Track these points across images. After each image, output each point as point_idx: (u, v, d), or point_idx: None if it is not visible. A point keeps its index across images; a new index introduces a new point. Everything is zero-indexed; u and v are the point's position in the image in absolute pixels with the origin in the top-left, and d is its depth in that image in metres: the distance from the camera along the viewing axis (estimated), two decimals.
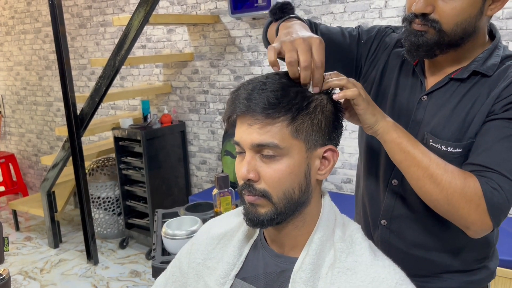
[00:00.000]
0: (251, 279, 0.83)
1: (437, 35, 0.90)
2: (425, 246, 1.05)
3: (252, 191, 0.75)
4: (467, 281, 1.06)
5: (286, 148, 0.73)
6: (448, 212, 0.87)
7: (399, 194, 1.06)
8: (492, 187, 0.84)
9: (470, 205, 0.84)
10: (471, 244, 1.03)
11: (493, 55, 0.94)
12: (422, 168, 0.86)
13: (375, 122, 0.85)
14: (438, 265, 1.05)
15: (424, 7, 0.89)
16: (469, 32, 0.91)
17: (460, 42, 0.92)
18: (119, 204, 3.67)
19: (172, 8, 3.52)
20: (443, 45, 0.92)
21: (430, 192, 0.86)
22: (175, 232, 1.54)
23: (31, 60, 4.75)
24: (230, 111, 0.76)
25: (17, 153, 5.26)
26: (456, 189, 0.84)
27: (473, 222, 0.85)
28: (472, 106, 0.93)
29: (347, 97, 0.80)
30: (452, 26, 0.89)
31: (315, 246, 0.77)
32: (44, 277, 3.18)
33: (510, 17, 2.23)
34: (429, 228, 1.03)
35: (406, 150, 0.86)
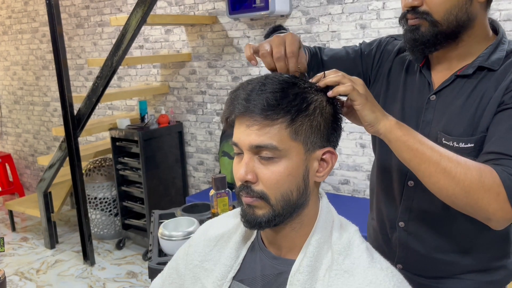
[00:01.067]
0: (249, 281, 0.82)
1: (431, 26, 0.92)
2: (443, 247, 1.04)
3: (249, 193, 0.75)
4: (485, 281, 1.05)
5: (285, 150, 0.73)
6: (467, 205, 0.83)
7: (416, 195, 1.04)
8: (510, 173, 0.81)
9: (489, 194, 0.80)
10: (488, 242, 1.02)
11: (497, 49, 0.95)
12: (433, 164, 0.82)
13: (375, 119, 0.83)
14: (457, 266, 1.04)
15: (409, 1, 0.92)
16: (463, 20, 0.92)
17: (456, 32, 0.93)
18: (116, 205, 3.66)
19: (170, 9, 3.51)
20: (439, 36, 0.93)
21: (445, 187, 0.83)
22: (172, 233, 1.53)
23: (28, 60, 4.73)
24: (229, 111, 0.75)
25: (13, 153, 5.24)
26: (473, 180, 0.81)
27: (494, 212, 0.81)
28: (481, 101, 0.93)
29: (340, 93, 0.79)
30: (443, 14, 0.91)
31: (313, 248, 0.76)
32: (40, 278, 3.16)
33: (507, 19, 2.24)
34: (447, 229, 1.02)
35: (413, 148, 0.83)
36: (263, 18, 3.03)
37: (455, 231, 1.02)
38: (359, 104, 0.81)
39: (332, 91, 0.78)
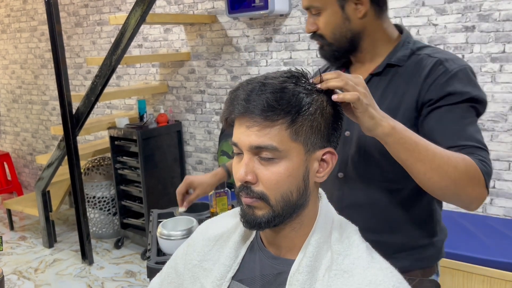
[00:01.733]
0: (248, 281, 0.82)
1: (327, 44, 1.10)
2: (375, 229, 1.10)
3: (249, 193, 0.74)
4: (417, 258, 1.14)
5: (285, 151, 0.72)
6: (455, 195, 0.91)
7: (346, 185, 1.14)
8: (480, 159, 0.92)
9: (473, 182, 0.90)
10: (415, 222, 1.13)
11: (402, 48, 1.09)
12: (428, 162, 0.88)
13: (373, 125, 0.84)
14: (390, 246, 1.11)
15: (309, 28, 1.10)
16: (350, 36, 1.08)
17: (352, 45, 1.10)
18: (114, 204, 3.66)
19: (169, 8, 3.51)
20: (337, 52, 1.11)
21: (438, 182, 0.89)
22: (171, 232, 1.53)
23: (27, 59, 4.72)
24: (228, 111, 0.75)
25: (12, 152, 5.23)
26: (461, 172, 0.88)
27: (476, 196, 0.91)
28: (394, 95, 1.06)
29: (346, 101, 0.79)
30: (331, 35, 1.08)
31: (312, 248, 0.76)
32: (38, 277, 3.16)
33: (507, 19, 2.24)
34: (376, 213, 1.12)
35: (410, 149, 0.87)
36: (263, 18, 3.02)
37: (384, 215, 1.12)
38: (360, 112, 0.82)
39: (338, 96, 0.78)
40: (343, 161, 1.13)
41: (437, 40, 2.44)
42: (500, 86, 2.31)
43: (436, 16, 2.42)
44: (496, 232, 2.20)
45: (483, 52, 2.33)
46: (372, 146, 1.08)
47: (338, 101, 0.78)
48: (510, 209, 2.38)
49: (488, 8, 2.28)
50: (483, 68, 2.34)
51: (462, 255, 2.02)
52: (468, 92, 0.99)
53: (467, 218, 2.38)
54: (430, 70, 1.03)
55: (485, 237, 2.15)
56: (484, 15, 2.30)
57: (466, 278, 2.03)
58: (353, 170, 1.13)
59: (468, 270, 2.01)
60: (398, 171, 1.05)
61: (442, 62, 1.03)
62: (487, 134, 2.37)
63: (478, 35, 2.33)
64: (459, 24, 2.37)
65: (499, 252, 2.00)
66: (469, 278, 2.02)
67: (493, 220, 2.34)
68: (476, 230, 2.23)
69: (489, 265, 1.97)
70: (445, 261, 2.05)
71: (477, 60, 2.34)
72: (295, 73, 0.77)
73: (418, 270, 1.15)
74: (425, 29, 2.46)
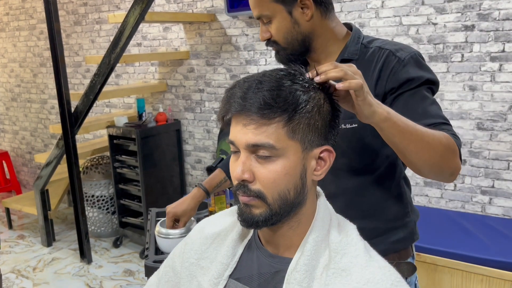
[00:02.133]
0: (245, 279, 0.82)
1: (282, 49, 1.15)
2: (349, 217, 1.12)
3: (246, 192, 0.74)
4: (392, 241, 1.19)
5: (282, 149, 0.72)
6: (440, 168, 0.97)
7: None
8: (451, 133, 0.99)
9: (453, 154, 0.97)
10: (386, 204, 1.19)
11: (353, 43, 1.16)
12: (419, 142, 0.92)
13: (372, 113, 0.85)
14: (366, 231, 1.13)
15: (263, 36, 1.15)
16: (301, 38, 1.14)
17: (304, 46, 1.15)
18: (113, 203, 3.65)
19: (168, 6, 3.50)
20: (291, 55, 1.15)
21: (429, 159, 0.94)
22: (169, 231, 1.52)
23: (26, 57, 4.72)
24: (225, 110, 0.74)
25: (10, 151, 5.22)
26: (445, 145, 0.95)
27: (455, 167, 0.98)
28: None
29: (351, 89, 0.78)
30: (283, 40, 1.13)
31: (310, 246, 0.76)
32: (37, 276, 3.15)
33: (506, 18, 2.23)
34: (348, 201, 1.16)
35: (402, 132, 0.90)
36: None
37: (355, 202, 1.17)
38: (361, 100, 0.82)
39: (344, 85, 0.77)
40: None
41: (436, 39, 2.43)
42: (499, 85, 2.30)
43: (436, 15, 2.42)
44: (495, 232, 2.20)
45: (483, 51, 2.32)
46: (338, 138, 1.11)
47: (343, 90, 0.78)
48: (509, 209, 2.37)
49: (487, 7, 2.28)
50: (482, 68, 2.34)
51: (461, 254, 2.02)
52: (423, 76, 1.07)
53: (466, 218, 2.38)
54: (384, 61, 1.10)
55: (484, 237, 2.15)
56: (483, 14, 2.29)
57: (465, 277, 2.02)
58: None
59: (466, 269, 2.01)
60: (363, 159, 1.15)
61: (393, 53, 1.10)
62: (486, 133, 2.37)
63: (477, 34, 2.32)
64: (458, 23, 2.36)
65: (498, 251, 2.00)
66: (468, 277, 2.02)
67: (492, 220, 2.34)
68: (475, 229, 2.23)
69: (488, 264, 1.96)
70: (444, 260, 2.05)
71: (477, 59, 2.34)
72: (292, 70, 0.77)
73: (394, 253, 1.20)
74: (425, 28, 2.45)
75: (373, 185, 1.17)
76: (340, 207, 1.14)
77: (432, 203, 2.60)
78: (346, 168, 1.16)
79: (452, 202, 2.54)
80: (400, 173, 1.22)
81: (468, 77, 2.38)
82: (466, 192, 2.48)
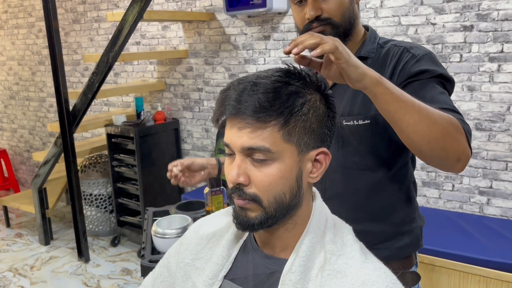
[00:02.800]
0: (240, 280, 0.81)
1: (334, 29, 1.10)
2: (357, 219, 1.11)
3: (242, 195, 0.73)
4: (398, 247, 1.17)
5: (278, 152, 0.71)
6: (443, 149, 0.89)
7: (327, 178, 1.14)
8: (458, 119, 0.93)
9: (460, 135, 0.90)
10: (395, 208, 1.17)
11: (370, 42, 1.16)
12: (417, 112, 0.87)
13: (361, 74, 0.83)
14: (373, 235, 1.15)
15: (315, 11, 1.09)
16: (353, 18, 1.13)
17: (351, 29, 1.13)
18: (111, 202, 3.65)
19: (167, 5, 3.49)
20: (341, 36, 1.10)
21: (428, 133, 0.87)
22: (165, 230, 1.52)
23: (24, 55, 4.71)
24: (220, 112, 0.74)
25: (9, 149, 5.21)
26: (448, 122, 0.89)
27: (463, 150, 0.91)
28: None
29: (325, 52, 0.78)
30: (341, 17, 1.10)
31: (305, 248, 0.75)
32: (34, 274, 3.15)
33: (505, 19, 2.23)
34: (357, 202, 1.15)
35: (399, 99, 0.86)
36: (261, 16, 3.01)
37: (365, 203, 1.15)
38: (344, 62, 0.81)
39: (316, 51, 0.77)
40: None
41: (435, 39, 2.43)
42: (498, 86, 2.30)
43: (435, 15, 2.41)
44: (493, 232, 2.20)
45: (481, 52, 2.32)
46: (350, 135, 1.11)
47: (317, 55, 0.78)
48: (507, 209, 2.37)
49: (486, 7, 2.27)
50: (481, 68, 2.33)
51: (459, 255, 2.02)
52: (436, 70, 1.04)
53: (463, 218, 2.38)
54: (399, 58, 1.09)
55: (481, 237, 2.15)
56: (482, 14, 2.29)
57: (462, 278, 2.02)
58: (333, 161, 1.13)
59: (464, 270, 2.01)
60: (376, 158, 1.12)
61: (408, 49, 1.10)
62: (484, 134, 2.37)
63: (476, 34, 2.32)
64: (457, 24, 2.36)
65: (496, 252, 2.00)
66: (465, 278, 2.02)
67: (490, 220, 2.34)
68: (472, 230, 2.23)
69: (486, 265, 1.96)
70: (441, 260, 2.05)
71: (475, 59, 2.34)
72: (287, 71, 0.76)
73: (399, 261, 1.18)
74: (424, 28, 2.45)
75: (384, 186, 1.15)
76: (348, 207, 1.14)
77: (430, 203, 2.60)
78: (356, 167, 1.13)
79: (450, 203, 2.53)
80: (411, 176, 1.20)
81: (467, 77, 2.37)
82: (464, 193, 2.48)
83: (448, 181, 2.52)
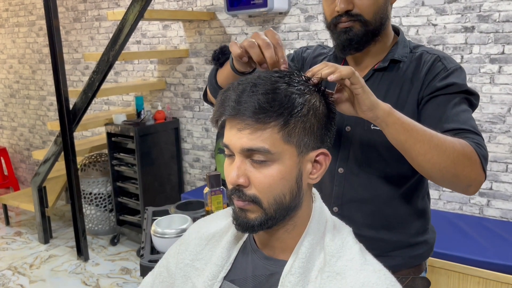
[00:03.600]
0: (240, 281, 0.81)
1: (363, 26, 1.06)
2: (374, 226, 1.13)
3: (241, 197, 0.73)
4: (411, 256, 1.16)
5: (277, 153, 0.71)
6: (454, 176, 0.90)
7: (346, 181, 1.14)
8: (475, 142, 0.93)
9: (471, 162, 0.90)
10: (410, 219, 1.16)
11: (402, 46, 1.13)
12: (427, 142, 0.87)
13: (374, 103, 0.83)
14: (386, 243, 1.14)
15: (346, 5, 1.05)
16: (384, 19, 1.09)
17: (380, 29, 1.09)
18: (110, 201, 3.64)
19: (168, 4, 3.49)
20: (369, 34, 1.07)
21: (438, 162, 0.88)
22: (165, 230, 1.52)
23: (25, 54, 4.70)
24: (219, 113, 0.73)
25: (8, 147, 5.21)
26: (459, 151, 0.89)
27: (475, 178, 0.91)
28: (401, 90, 1.08)
29: (342, 77, 0.78)
30: (372, 15, 1.06)
31: (305, 249, 0.75)
32: (33, 273, 3.14)
33: (507, 20, 2.23)
34: (376, 209, 1.13)
35: (409, 129, 0.87)
36: (262, 15, 3.01)
37: (383, 210, 1.14)
38: (360, 87, 0.81)
39: (335, 76, 0.77)
40: (344, 156, 1.13)
41: (436, 40, 2.43)
42: (498, 87, 2.30)
43: (436, 16, 2.41)
44: (493, 234, 2.19)
45: (482, 53, 2.32)
46: (376, 141, 1.09)
47: (336, 80, 0.78)
48: (507, 211, 2.37)
49: (488, 8, 2.27)
50: (482, 69, 2.33)
51: (458, 256, 2.02)
52: (464, 85, 1.03)
53: (463, 219, 2.38)
54: (431, 66, 1.07)
55: (481, 239, 2.14)
56: (483, 15, 2.29)
57: (462, 279, 2.02)
58: (355, 165, 1.13)
59: (463, 271, 2.01)
60: (400, 165, 1.07)
61: (440, 59, 1.07)
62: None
63: (477, 35, 2.32)
64: (458, 25, 2.36)
65: (495, 254, 2.00)
66: (465, 279, 2.01)
67: (490, 222, 2.34)
68: (472, 231, 2.23)
69: (485, 266, 1.96)
70: (441, 262, 2.04)
71: (476, 61, 2.34)
72: (287, 72, 0.76)
73: (409, 268, 1.17)
74: (425, 29, 2.45)
75: (403, 195, 1.13)
76: (365, 213, 1.13)
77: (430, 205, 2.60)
78: (379, 174, 1.11)
79: (450, 204, 2.53)
80: (427, 187, 1.20)
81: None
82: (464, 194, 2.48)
83: None
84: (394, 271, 0.76)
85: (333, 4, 1.07)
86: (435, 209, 2.58)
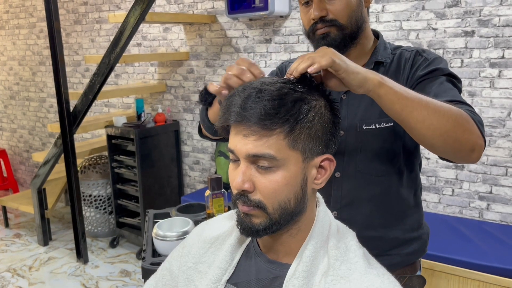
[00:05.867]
0: (243, 284, 0.81)
1: (339, 30, 1.09)
2: (372, 225, 1.14)
3: (246, 202, 0.73)
4: (407, 253, 1.18)
5: (283, 160, 0.71)
6: (456, 141, 0.88)
7: (344, 184, 1.15)
8: (467, 110, 0.92)
9: (470, 125, 0.88)
10: (408, 212, 1.18)
11: (383, 48, 1.16)
12: (425, 107, 0.86)
13: (362, 79, 0.82)
14: (386, 241, 1.16)
15: (320, 12, 1.08)
16: (360, 22, 1.11)
17: (358, 32, 1.11)
18: (110, 203, 3.64)
19: (169, 7, 3.50)
20: (347, 38, 1.10)
21: (439, 126, 0.86)
22: (166, 233, 1.52)
23: (25, 55, 4.70)
24: (224, 119, 0.73)
25: (8, 149, 5.21)
26: (457, 114, 0.88)
27: (476, 141, 0.89)
28: None
29: (323, 67, 0.77)
30: (347, 19, 1.08)
31: (309, 253, 0.75)
32: (32, 275, 3.14)
33: (506, 25, 2.24)
34: (375, 208, 1.14)
35: (404, 97, 0.85)
36: (262, 19, 3.02)
37: (382, 209, 1.15)
38: (344, 71, 0.80)
39: (314, 67, 0.76)
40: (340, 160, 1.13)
41: (436, 45, 2.44)
42: (498, 91, 2.31)
43: (436, 20, 2.42)
44: (492, 238, 2.20)
45: (482, 57, 2.33)
46: (371, 140, 1.11)
47: (317, 71, 0.77)
48: (507, 215, 2.38)
49: (488, 13, 2.28)
50: (482, 73, 2.34)
51: (458, 260, 2.02)
52: (447, 69, 1.06)
53: (463, 223, 2.38)
54: (413, 61, 1.10)
55: (481, 243, 2.15)
56: (483, 20, 2.30)
57: (462, 283, 2.02)
58: (351, 168, 1.14)
59: (463, 275, 2.01)
60: (394, 161, 1.12)
61: (420, 53, 1.11)
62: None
63: (477, 40, 2.33)
64: (458, 29, 2.37)
65: (495, 257, 2.00)
66: (465, 283, 2.02)
67: (490, 226, 2.34)
68: (472, 235, 2.23)
69: (485, 270, 1.97)
70: (441, 265, 2.05)
71: (476, 65, 2.35)
72: (292, 78, 0.76)
73: (406, 267, 1.19)
74: (425, 33, 2.46)
75: (398, 191, 1.15)
76: (365, 214, 1.14)
77: (430, 208, 2.60)
78: (375, 173, 1.13)
79: (450, 207, 2.54)
80: (420, 181, 1.22)
81: (468, 82, 2.38)
82: (464, 198, 2.49)
83: (448, 186, 2.53)
84: (393, 271, 0.77)
85: (309, 13, 1.11)
86: (435, 212, 2.58)
